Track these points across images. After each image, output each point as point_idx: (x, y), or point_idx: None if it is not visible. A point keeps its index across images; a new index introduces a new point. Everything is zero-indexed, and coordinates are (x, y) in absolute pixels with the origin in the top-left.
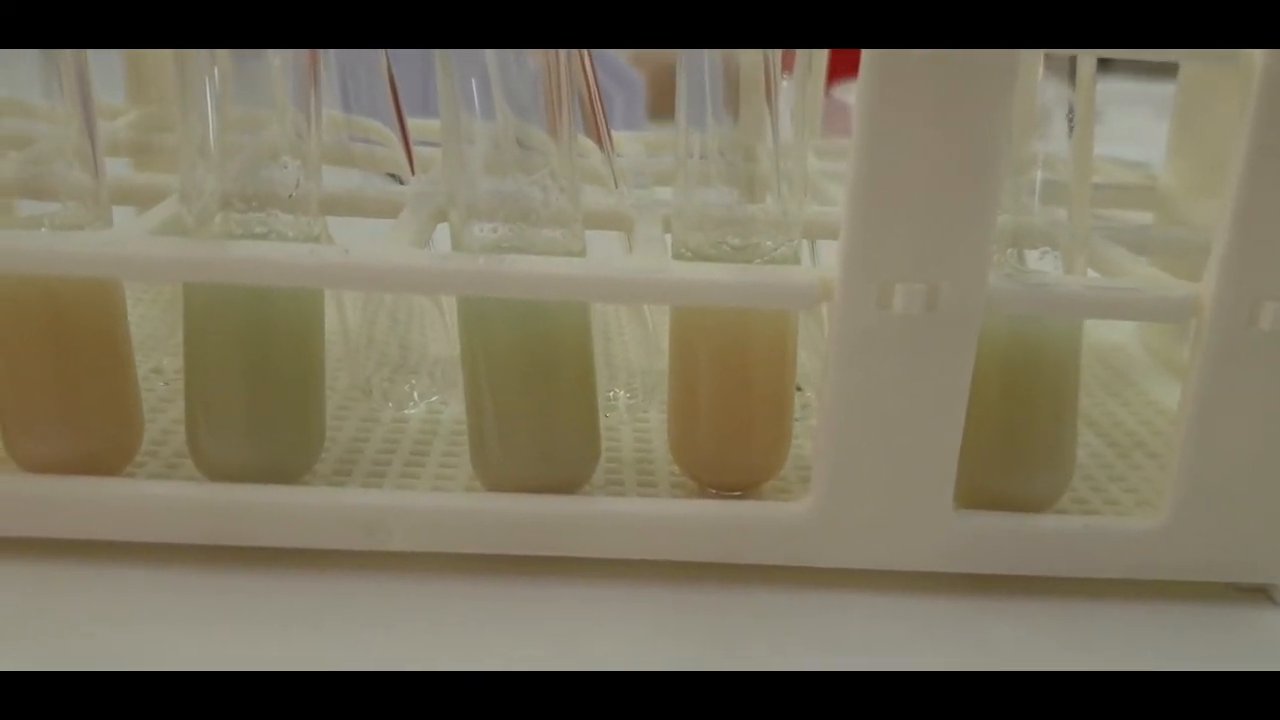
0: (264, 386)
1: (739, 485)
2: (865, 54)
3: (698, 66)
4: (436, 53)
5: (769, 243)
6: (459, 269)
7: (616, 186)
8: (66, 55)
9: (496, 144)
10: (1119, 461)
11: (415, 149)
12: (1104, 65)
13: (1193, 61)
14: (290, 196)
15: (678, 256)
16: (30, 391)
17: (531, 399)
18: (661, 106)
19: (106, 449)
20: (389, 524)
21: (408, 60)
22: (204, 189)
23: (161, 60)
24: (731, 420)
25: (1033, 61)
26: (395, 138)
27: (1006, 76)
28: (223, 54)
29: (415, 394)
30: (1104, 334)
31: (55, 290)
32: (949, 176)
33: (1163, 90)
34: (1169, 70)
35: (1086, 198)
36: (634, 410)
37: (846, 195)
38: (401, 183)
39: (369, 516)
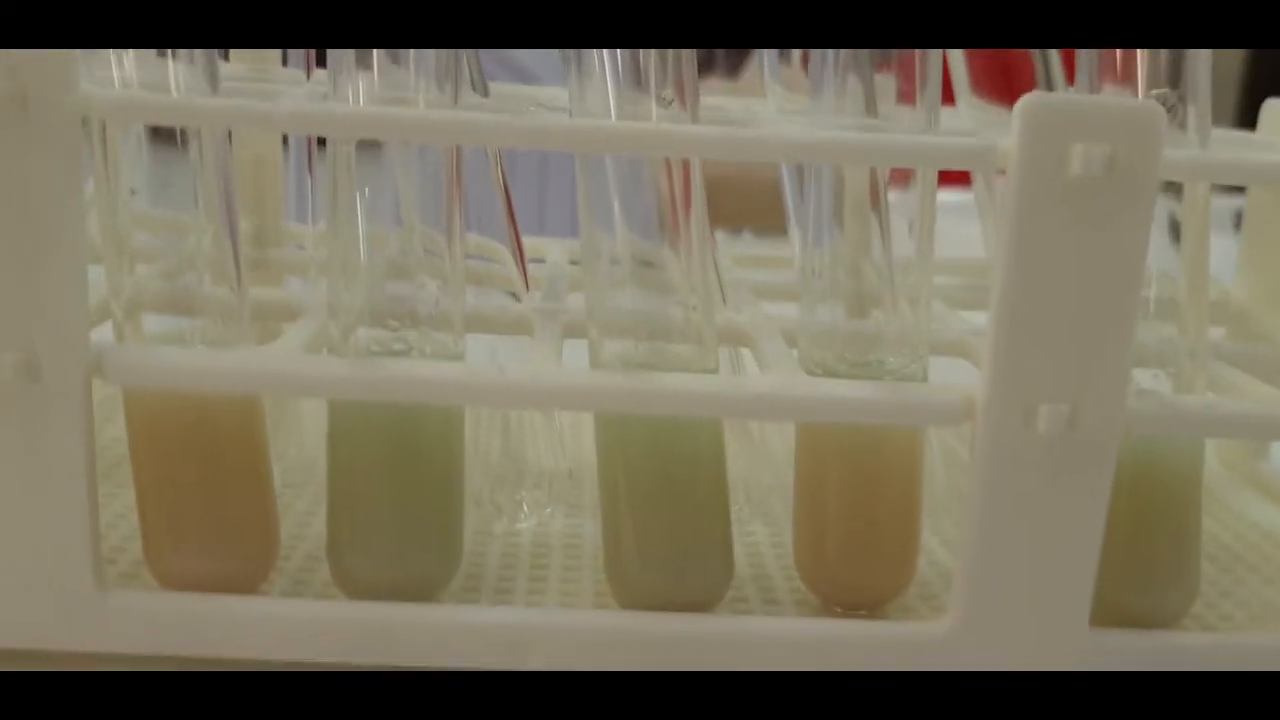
0: (411, 504)
1: (867, 603)
2: (1012, 177)
3: (809, 180)
4: (578, 170)
5: (893, 359)
6: (610, 387)
7: (725, 302)
8: (209, 165)
9: (616, 260)
10: (1224, 576)
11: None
12: None
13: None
14: (431, 315)
15: (807, 373)
16: (180, 509)
17: (670, 515)
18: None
19: (248, 565)
20: (532, 643)
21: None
22: (349, 305)
23: (265, 172)
24: (862, 538)
25: None
26: (509, 254)
27: (1148, 199)
28: (363, 169)
29: (525, 507)
30: None
31: (206, 407)
32: (1092, 298)
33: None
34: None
35: (1204, 316)
36: (740, 523)
37: (992, 317)
38: (518, 300)
39: (513, 636)
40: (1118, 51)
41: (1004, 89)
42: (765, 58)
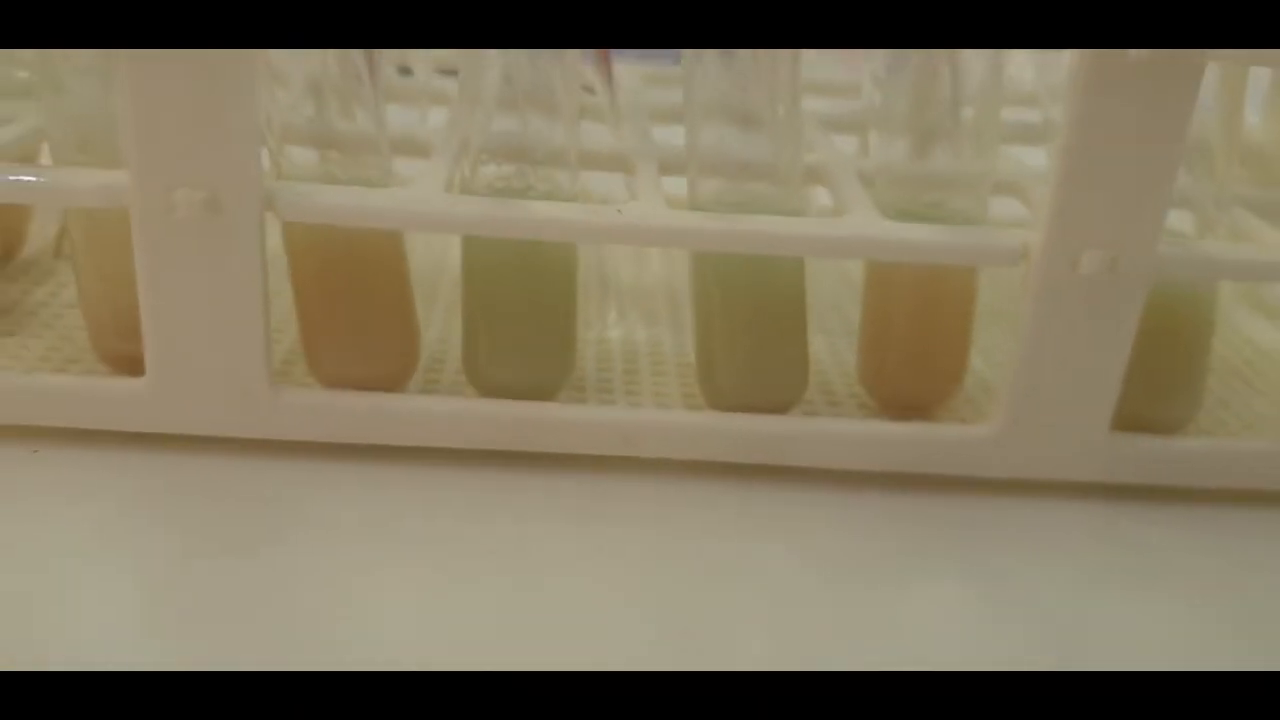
0: (537, 319)
1: (922, 407)
2: (1077, 63)
3: None
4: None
5: (959, 201)
6: (714, 230)
7: None
8: None
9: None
10: (1219, 387)
11: None
12: None
13: None
14: (549, 154)
15: (881, 211)
16: (334, 325)
17: (758, 333)
18: None
19: (394, 370)
20: (642, 434)
21: None
22: (477, 144)
23: None
24: (921, 352)
25: None
26: (602, 83)
27: (1195, 77)
28: None
29: (613, 316)
30: None
31: (356, 238)
32: (1140, 160)
33: None
34: None
35: (1234, 165)
36: None
37: (1054, 175)
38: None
39: (627, 429)
40: None
41: None
42: None
